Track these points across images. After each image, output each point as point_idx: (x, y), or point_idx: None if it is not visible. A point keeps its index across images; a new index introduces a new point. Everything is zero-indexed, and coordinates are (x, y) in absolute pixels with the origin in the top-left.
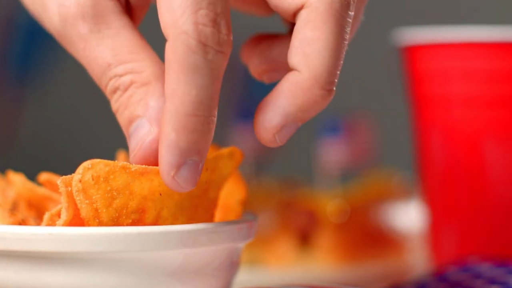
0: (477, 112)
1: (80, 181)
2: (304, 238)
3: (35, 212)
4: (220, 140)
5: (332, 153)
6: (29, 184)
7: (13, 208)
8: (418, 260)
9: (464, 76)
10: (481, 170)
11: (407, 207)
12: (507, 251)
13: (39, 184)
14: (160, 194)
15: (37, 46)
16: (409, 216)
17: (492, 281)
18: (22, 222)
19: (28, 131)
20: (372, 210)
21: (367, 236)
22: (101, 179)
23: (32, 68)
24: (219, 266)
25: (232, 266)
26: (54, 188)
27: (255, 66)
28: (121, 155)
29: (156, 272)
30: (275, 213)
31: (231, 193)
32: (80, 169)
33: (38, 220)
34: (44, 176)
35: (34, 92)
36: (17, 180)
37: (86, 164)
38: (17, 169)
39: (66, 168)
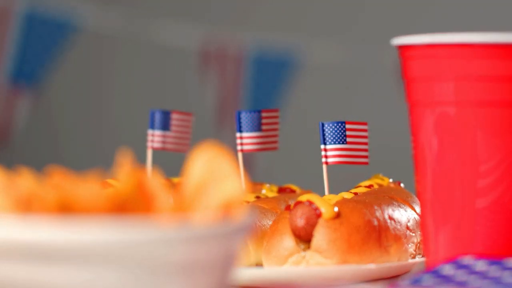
0: (469, 111)
1: None
2: (304, 238)
3: None
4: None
5: (333, 158)
6: (36, 179)
7: (21, 201)
8: (416, 260)
9: (455, 76)
10: (474, 170)
11: (407, 209)
12: (502, 250)
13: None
14: None
15: (35, 44)
16: (408, 217)
17: (485, 277)
18: (29, 214)
19: (26, 129)
20: (372, 212)
21: (366, 236)
22: None
23: (30, 67)
24: (219, 263)
25: (231, 263)
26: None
27: None
28: (122, 154)
29: (157, 269)
30: (275, 213)
31: (230, 192)
32: None
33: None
34: (51, 170)
35: (32, 90)
36: (24, 174)
37: None
38: (16, 165)
39: (66, 166)
